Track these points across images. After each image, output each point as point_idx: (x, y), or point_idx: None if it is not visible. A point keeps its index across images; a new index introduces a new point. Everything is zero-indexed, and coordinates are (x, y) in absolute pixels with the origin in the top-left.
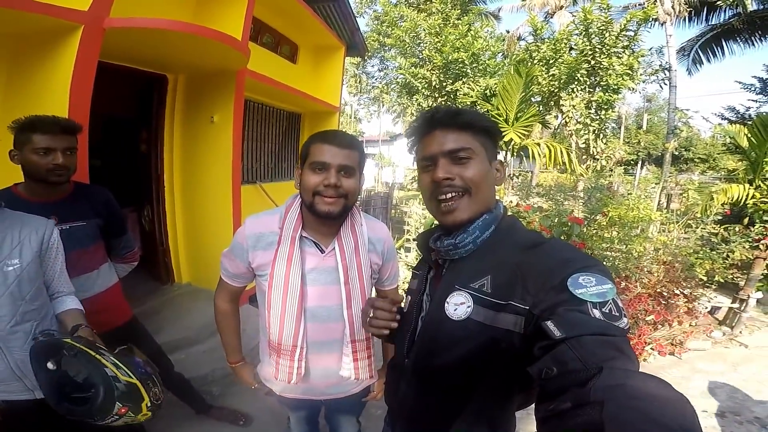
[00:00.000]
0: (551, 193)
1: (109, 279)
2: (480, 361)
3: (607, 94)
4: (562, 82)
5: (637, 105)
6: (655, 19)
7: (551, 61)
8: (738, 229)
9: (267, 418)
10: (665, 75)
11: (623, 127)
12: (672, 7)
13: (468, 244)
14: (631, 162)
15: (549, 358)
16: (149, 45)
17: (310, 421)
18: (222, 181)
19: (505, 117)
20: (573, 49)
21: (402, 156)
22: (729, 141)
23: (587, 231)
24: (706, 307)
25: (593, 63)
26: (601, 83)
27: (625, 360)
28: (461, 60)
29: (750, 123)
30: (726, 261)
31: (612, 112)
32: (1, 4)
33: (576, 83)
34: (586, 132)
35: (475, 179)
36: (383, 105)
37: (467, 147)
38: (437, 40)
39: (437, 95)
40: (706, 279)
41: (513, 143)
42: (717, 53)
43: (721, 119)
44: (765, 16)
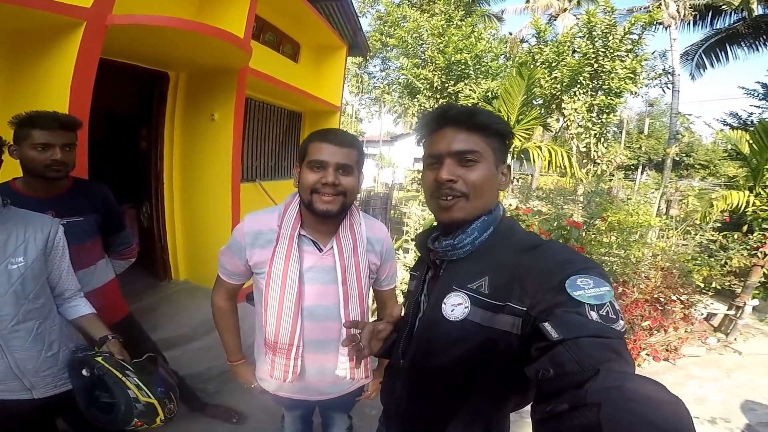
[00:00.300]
0: (551, 197)
1: (106, 275)
2: (477, 362)
3: (610, 97)
4: (564, 85)
5: (639, 109)
6: (660, 23)
7: (554, 64)
8: (737, 237)
9: (262, 416)
10: (668, 79)
11: (624, 132)
12: (677, 11)
13: (466, 245)
14: (632, 167)
15: (546, 359)
16: (151, 42)
17: (304, 420)
18: (221, 179)
19: (507, 119)
20: (576, 52)
21: (402, 157)
22: (730, 147)
23: (586, 235)
24: (702, 314)
25: (596, 66)
26: (604, 87)
27: (622, 362)
28: (464, 61)
29: (752, 129)
30: (724, 268)
31: (614, 116)
32: (4, 0)
33: (578, 86)
34: (587, 136)
35: (478, 183)
36: (384, 105)
37: (476, 150)
38: (440, 41)
39: (439, 96)
40: (703, 285)
41: (513, 146)
42: (721, 58)
43: (723, 125)
44: None
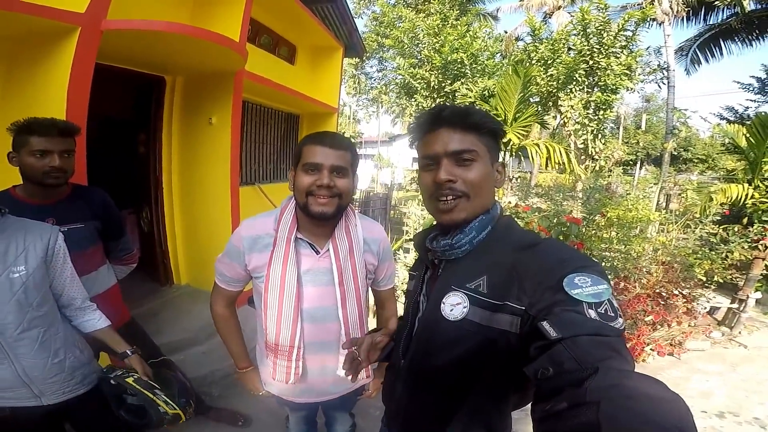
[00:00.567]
0: (550, 194)
1: (108, 281)
2: (476, 362)
3: (606, 94)
4: (560, 82)
5: (636, 105)
6: (653, 19)
7: (549, 62)
8: (737, 230)
9: (266, 419)
10: (663, 75)
11: (622, 128)
12: (670, 7)
13: (464, 244)
14: (630, 162)
15: (545, 358)
16: (147, 47)
17: (308, 421)
18: (220, 183)
19: (504, 117)
20: (571, 50)
21: (401, 157)
22: (728, 141)
23: (586, 231)
24: (705, 308)
25: (591, 63)
26: (600, 83)
27: (621, 360)
28: (460, 60)
29: (749, 123)
30: (725, 261)
31: (610, 112)
32: None
33: (574, 83)
34: (584, 132)
35: (477, 182)
36: (382, 106)
37: (472, 149)
38: (436, 40)
39: (436, 96)
40: (705, 279)
41: (511, 144)
42: (715, 53)
43: (720, 119)
44: (763, 16)
